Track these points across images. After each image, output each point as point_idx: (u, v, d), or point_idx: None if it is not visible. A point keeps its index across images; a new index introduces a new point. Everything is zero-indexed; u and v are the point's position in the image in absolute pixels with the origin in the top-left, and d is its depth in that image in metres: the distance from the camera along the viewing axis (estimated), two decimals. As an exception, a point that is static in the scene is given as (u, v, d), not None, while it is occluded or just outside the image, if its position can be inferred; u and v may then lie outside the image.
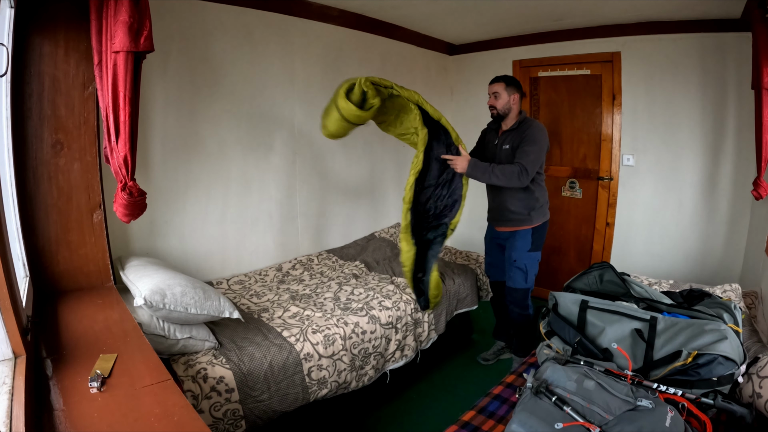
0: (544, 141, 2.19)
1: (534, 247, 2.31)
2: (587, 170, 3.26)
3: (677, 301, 1.71)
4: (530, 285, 2.35)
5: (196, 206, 2.31)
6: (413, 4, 2.66)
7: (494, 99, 2.25)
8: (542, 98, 3.39)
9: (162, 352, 1.54)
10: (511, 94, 2.24)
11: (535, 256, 2.33)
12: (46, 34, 1.44)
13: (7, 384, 0.90)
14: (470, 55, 3.74)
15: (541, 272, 3.63)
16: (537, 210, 2.27)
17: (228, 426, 1.53)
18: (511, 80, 2.26)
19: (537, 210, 2.27)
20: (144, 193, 1.40)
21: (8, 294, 0.93)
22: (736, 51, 2.57)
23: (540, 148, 2.16)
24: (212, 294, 1.67)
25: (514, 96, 2.24)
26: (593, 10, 2.71)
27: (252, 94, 2.47)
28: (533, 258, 2.32)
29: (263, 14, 2.45)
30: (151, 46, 1.25)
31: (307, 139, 2.79)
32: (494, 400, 1.47)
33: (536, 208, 2.27)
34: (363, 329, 1.98)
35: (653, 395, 1.20)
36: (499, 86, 2.24)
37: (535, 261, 2.34)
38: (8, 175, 1.39)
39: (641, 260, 3.08)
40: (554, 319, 1.61)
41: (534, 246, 2.31)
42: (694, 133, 2.81)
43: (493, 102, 2.26)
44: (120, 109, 1.24)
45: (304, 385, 1.74)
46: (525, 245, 2.29)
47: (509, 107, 2.25)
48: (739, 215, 2.71)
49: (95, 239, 1.62)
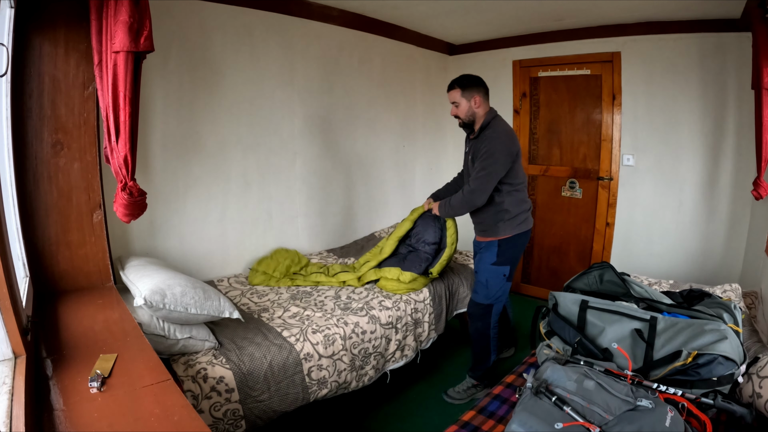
0: (503, 150, 1.96)
1: (500, 261, 2.11)
2: (587, 170, 3.26)
3: (677, 301, 1.71)
4: (492, 301, 2.15)
5: (196, 206, 2.31)
6: (413, 4, 2.66)
7: (455, 108, 2.08)
8: (542, 98, 3.39)
9: (162, 352, 1.54)
10: (471, 98, 2.03)
11: (500, 270, 2.12)
12: (46, 34, 1.44)
13: (7, 384, 0.90)
14: (470, 55, 3.74)
15: (541, 272, 3.70)
16: (506, 222, 2.09)
17: (228, 426, 1.53)
18: (466, 82, 2.04)
19: (506, 222, 2.09)
20: (144, 193, 1.40)
21: (8, 294, 0.93)
22: (736, 51, 2.57)
23: (496, 160, 1.95)
24: (212, 294, 1.67)
25: (474, 98, 2.03)
26: (593, 10, 2.71)
27: (252, 94, 2.47)
28: (496, 273, 2.12)
29: (263, 14, 2.45)
30: (151, 46, 1.25)
31: (307, 139, 2.79)
32: (494, 400, 1.47)
33: (505, 219, 2.09)
34: (363, 329, 1.98)
35: (653, 395, 1.20)
36: (455, 93, 2.05)
37: (499, 276, 2.13)
38: (8, 175, 1.39)
39: (641, 260, 3.08)
40: (554, 319, 1.61)
41: (500, 260, 2.11)
42: (694, 133, 2.81)
43: (454, 111, 2.09)
44: (120, 109, 1.24)
45: (304, 385, 1.74)
46: (489, 257, 2.13)
47: (472, 112, 2.05)
48: (739, 215, 2.71)
49: (95, 239, 1.62)
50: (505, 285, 2.17)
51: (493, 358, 2.24)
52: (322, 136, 2.90)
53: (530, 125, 3.47)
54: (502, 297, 2.18)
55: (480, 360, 2.25)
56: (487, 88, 2.09)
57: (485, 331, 2.18)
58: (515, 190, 2.10)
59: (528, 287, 3.70)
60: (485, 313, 2.17)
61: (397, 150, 3.45)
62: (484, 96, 2.06)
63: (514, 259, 2.16)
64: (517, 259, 2.18)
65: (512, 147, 2.01)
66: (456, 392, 2.27)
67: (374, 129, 3.28)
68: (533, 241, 3.60)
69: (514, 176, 2.07)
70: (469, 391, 2.27)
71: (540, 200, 3.52)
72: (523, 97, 3.46)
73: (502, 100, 3.56)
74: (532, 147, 3.49)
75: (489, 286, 2.15)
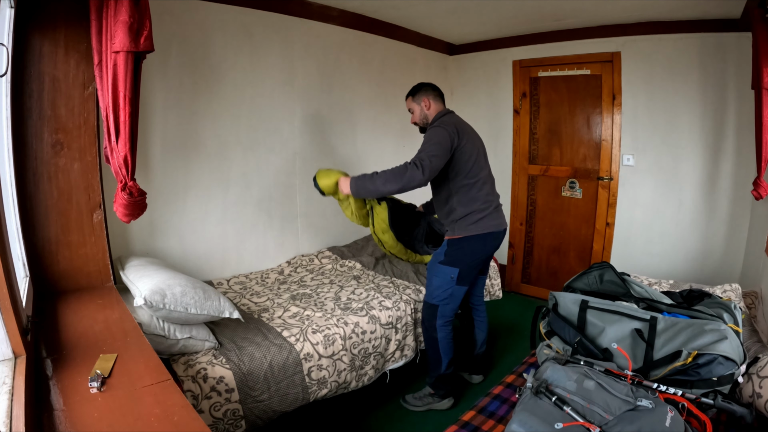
0: (442, 139, 1.88)
1: (447, 261, 2.01)
2: (587, 170, 3.26)
3: (677, 301, 1.71)
4: (437, 302, 2.03)
5: (196, 206, 2.31)
6: (413, 4, 2.66)
7: (412, 116, 2.15)
8: (542, 98, 3.39)
9: (162, 352, 1.54)
10: (420, 102, 2.08)
11: (446, 270, 2.00)
12: (46, 34, 1.44)
13: (7, 384, 0.90)
14: (470, 55, 3.74)
15: (541, 272, 3.70)
16: (456, 222, 2.00)
17: (228, 426, 1.53)
18: (415, 89, 2.11)
19: (456, 222, 2.00)
20: (144, 193, 1.40)
21: (8, 294, 0.93)
22: (736, 51, 2.57)
23: (438, 143, 1.87)
24: (212, 294, 1.67)
25: (423, 101, 2.08)
26: (593, 10, 2.71)
27: (252, 94, 2.47)
28: (443, 272, 2.01)
29: (263, 14, 2.45)
30: (151, 46, 1.25)
31: (307, 139, 2.79)
32: (494, 400, 1.47)
33: (455, 219, 2.00)
34: (363, 329, 1.98)
35: (653, 395, 1.20)
36: (409, 102, 2.13)
37: (445, 277, 2.00)
38: (8, 175, 1.39)
39: (641, 260, 3.08)
40: (554, 318, 1.61)
41: (447, 259, 2.01)
42: (694, 133, 2.81)
43: (412, 119, 2.16)
44: (120, 109, 1.24)
45: (304, 385, 1.74)
46: (439, 254, 2.05)
47: (425, 114, 2.09)
48: (739, 215, 2.71)
49: (95, 239, 1.62)
50: (455, 289, 2.02)
51: (445, 367, 2.08)
52: (322, 136, 2.90)
53: (530, 125, 3.47)
54: (449, 301, 2.03)
55: (432, 365, 2.12)
56: (439, 90, 2.12)
57: (432, 333, 2.07)
58: (465, 188, 1.99)
59: (528, 287, 3.70)
60: (431, 313, 2.06)
61: (396, 150, 3.45)
62: (433, 97, 2.09)
63: (466, 264, 2.01)
64: (470, 264, 2.02)
65: (457, 138, 1.91)
66: (413, 398, 2.17)
67: (374, 129, 3.28)
68: (533, 241, 3.60)
69: (464, 173, 1.97)
70: (425, 400, 2.15)
71: (540, 200, 3.52)
72: (523, 97, 3.46)
73: (502, 100, 3.56)
74: (532, 147, 3.49)
75: (433, 284, 2.05)
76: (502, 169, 3.63)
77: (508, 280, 3.75)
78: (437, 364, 2.09)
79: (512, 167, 3.60)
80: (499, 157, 3.63)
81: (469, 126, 2.10)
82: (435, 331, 2.05)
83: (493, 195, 2.10)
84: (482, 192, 2.02)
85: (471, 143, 1.99)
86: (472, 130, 2.10)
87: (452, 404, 2.15)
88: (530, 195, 3.55)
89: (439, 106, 2.11)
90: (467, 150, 1.96)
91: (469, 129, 2.08)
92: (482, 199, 2.02)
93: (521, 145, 3.52)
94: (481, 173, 2.03)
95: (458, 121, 2.05)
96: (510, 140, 3.57)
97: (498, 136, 3.62)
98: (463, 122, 2.08)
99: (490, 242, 2.05)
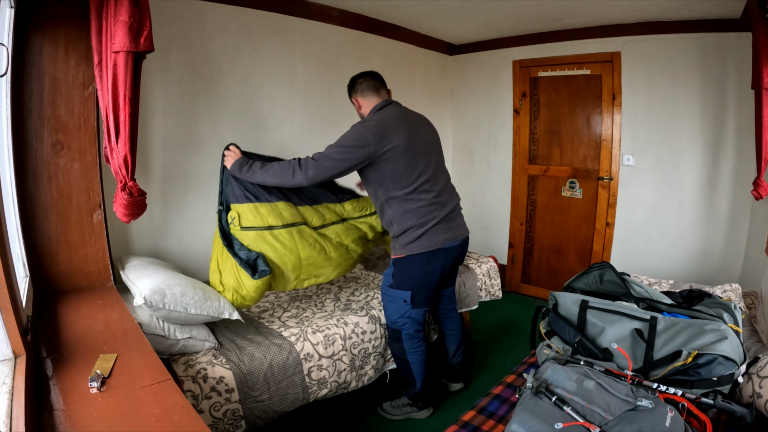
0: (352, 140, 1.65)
1: (395, 284, 1.81)
2: (587, 170, 3.26)
3: (677, 301, 1.71)
4: (398, 327, 1.87)
5: (196, 206, 2.31)
6: (413, 4, 2.66)
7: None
8: (542, 98, 3.39)
9: (162, 352, 1.54)
10: (354, 99, 1.91)
11: (397, 295, 1.81)
12: (46, 34, 1.44)
13: (7, 384, 0.90)
14: (470, 55, 3.74)
15: (541, 272, 3.70)
16: (398, 239, 1.79)
17: (228, 426, 1.53)
18: (348, 88, 1.94)
19: (398, 239, 1.79)
20: (144, 193, 1.40)
21: (8, 294, 0.93)
22: (736, 51, 2.57)
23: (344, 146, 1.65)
24: (212, 294, 1.67)
25: (354, 102, 1.91)
26: (593, 10, 2.71)
27: (252, 94, 2.47)
28: (394, 297, 1.83)
29: (263, 14, 2.45)
30: (151, 46, 1.25)
31: (307, 139, 2.79)
32: (494, 400, 1.47)
33: (396, 236, 1.79)
34: (363, 329, 1.98)
35: (653, 395, 1.20)
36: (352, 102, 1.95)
37: (398, 302, 1.82)
38: (8, 175, 1.39)
39: (641, 260, 3.08)
40: (554, 318, 1.61)
41: (395, 281, 1.81)
42: (694, 133, 2.81)
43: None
44: (120, 109, 1.24)
45: (304, 385, 1.74)
46: (387, 276, 1.86)
47: (361, 116, 1.92)
48: (739, 215, 2.71)
49: (95, 239, 1.62)
50: (412, 312, 1.83)
51: (420, 385, 1.98)
52: (322, 136, 2.90)
53: (530, 125, 3.47)
54: (410, 324, 1.86)
55: (407, 383, 2.03)
56: (373, 77, 1.87)
57: (401, 354, 1.92)
58: (396, 200, 1.72)
59: (528, 287, 3.70)
60: (395, 336, 1.91)
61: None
62: (363, 93, 1.85)
63: (416, 287, 1.79)
64: (421, 285, 1.79)
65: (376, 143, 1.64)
66: (391, 406, 2.08)
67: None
68: (533, 241, 3.60)
69: (392, 182, 1.70)
70: (404, 409, 2.06)
71: (540, 200, 3.52)
72: (523, 97, 3.46)
73: (502, 100, 3.56)
74: (532, 147, 3.49)
75: (388, 310, 1.88)
76: (502, 169, 3.64)
77: (508, 280, 3.75)
78: (411, 382, 2.01)
79: (512, 167, 3.59)
80: (499, 157, 3.63)
81: (411, 122, 1.79)
82: (405, 354, 1.92)
83: (441, 204, 1.79)
84: (422, 203, 1.74)
85: (404, 146, 1.69)
86: (416, 126, 1.80)
87: (431, 413, 2.09)
88: (530, 195, 3.55)
89: (374, 100, 1.84)
90: (394, 154, 1.67)
91: (409, 126, 1.76)
92: (422, 211, 1.73)
93: (521, 145, 3.52)
94: (418, 180, 1.72)
95: (392, 116, 1.75)
96: (510, 140, 3.57)
97: (498, 136, 3.62)
98: (402, 117, 1.78)
99: (439, 260, 1.78)
